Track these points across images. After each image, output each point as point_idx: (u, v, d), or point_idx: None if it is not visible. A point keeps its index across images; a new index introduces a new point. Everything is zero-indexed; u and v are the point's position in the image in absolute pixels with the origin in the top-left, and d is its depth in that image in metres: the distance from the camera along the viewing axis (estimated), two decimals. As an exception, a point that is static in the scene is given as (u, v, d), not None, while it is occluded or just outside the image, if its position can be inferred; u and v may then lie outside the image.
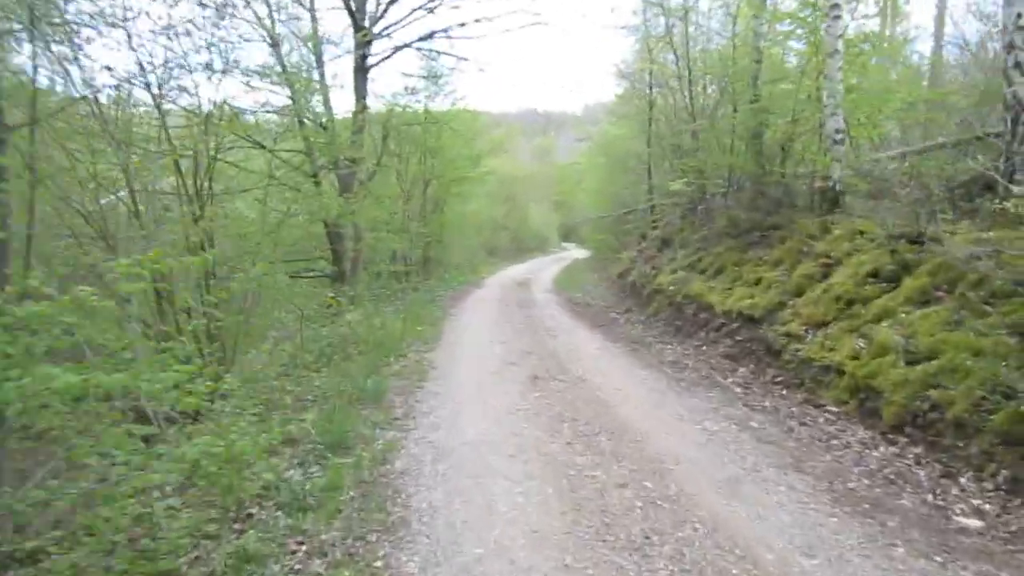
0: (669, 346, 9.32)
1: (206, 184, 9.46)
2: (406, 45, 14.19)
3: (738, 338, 8.34)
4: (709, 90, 13.22)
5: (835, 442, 5.01)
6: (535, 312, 12.54)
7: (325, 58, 13.97)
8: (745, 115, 11.08)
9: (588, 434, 4.82)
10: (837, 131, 9.28)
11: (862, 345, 5.96)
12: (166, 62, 8.41)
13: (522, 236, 40.31)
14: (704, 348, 8.78)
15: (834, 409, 5.74)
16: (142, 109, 9.34)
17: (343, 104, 14.26)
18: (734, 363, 7.85)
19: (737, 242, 10.69)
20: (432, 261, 19.45)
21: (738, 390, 6.79)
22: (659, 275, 12.65)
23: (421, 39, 14.21)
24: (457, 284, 17.81)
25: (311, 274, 15.06)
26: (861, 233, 8.08)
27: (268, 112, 12.04)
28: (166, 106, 9.08)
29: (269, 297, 8.84)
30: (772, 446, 4.77)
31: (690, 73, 12.30)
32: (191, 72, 8.76)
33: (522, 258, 35.53)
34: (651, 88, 15.80)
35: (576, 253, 44.14)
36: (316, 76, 13.57)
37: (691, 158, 12.33)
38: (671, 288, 11.46)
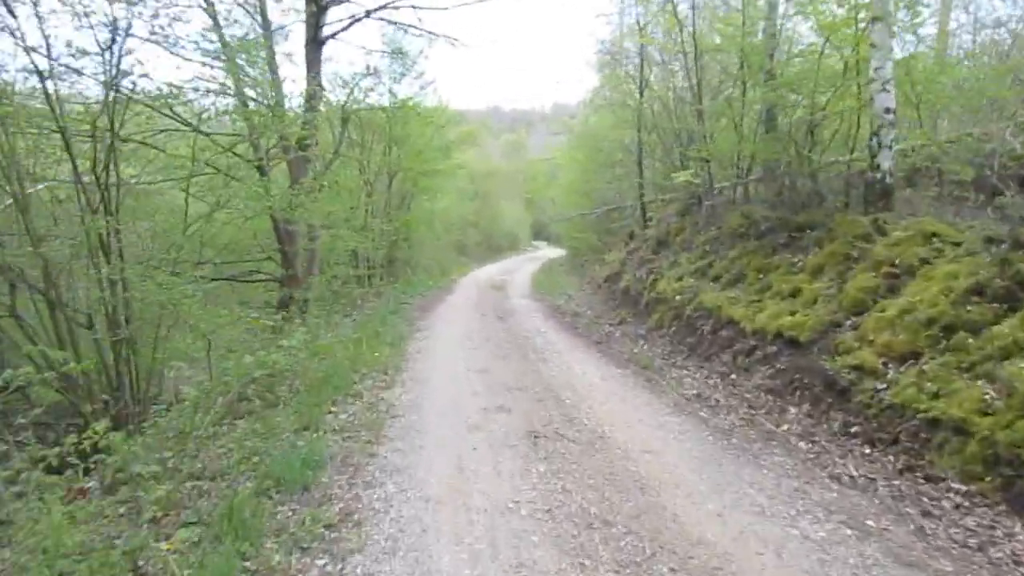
0: (686, 372, 7.61)
1: (110, 170, 7.47)
2: (367, 14, 12.22)
3: (779, 366, 6.64)
4: (716, 68, 11.55)
5: (996, 552, 3.31)
6: (517, 324, 10.74)
7: (273, 28, 11.96)
8: (764, 93, 9.42)
9: (638, 561, 3.01)
10: (887, 110, 7.67)
11: (992, 394, 4.29)
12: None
13: (493, 235, 38.49)
14: (733, 377, 7.08)
15: (962, 488, 4.05)
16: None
17: (298, 87, 12.42)
18: (780, 401, 6.15)
19: (758, 244, 9.04)
20: (398, 262, 17.50)
21: (802, 444, 5.09)
22: (660, 281, 10.95)
23: (383, 7, 12.27)
24: (426, 288, 15.90)
25: (254, 278, 13.05)
26: (934, 236, 6.47)
27: (204, 90, 9.98)
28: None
29: (188, 315, 6.86)
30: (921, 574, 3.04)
31: (696, 48, 10.61)
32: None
33: (494, 258, 33.71)
34: (642, 70, 14.10)
35: (549, 252, 42.57)
36: (263, 53, 11.55)
37: (701, 145, 10.64)
38: (677, 298, 9.76)
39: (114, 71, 6.91)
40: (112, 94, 7.07)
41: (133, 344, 6.15)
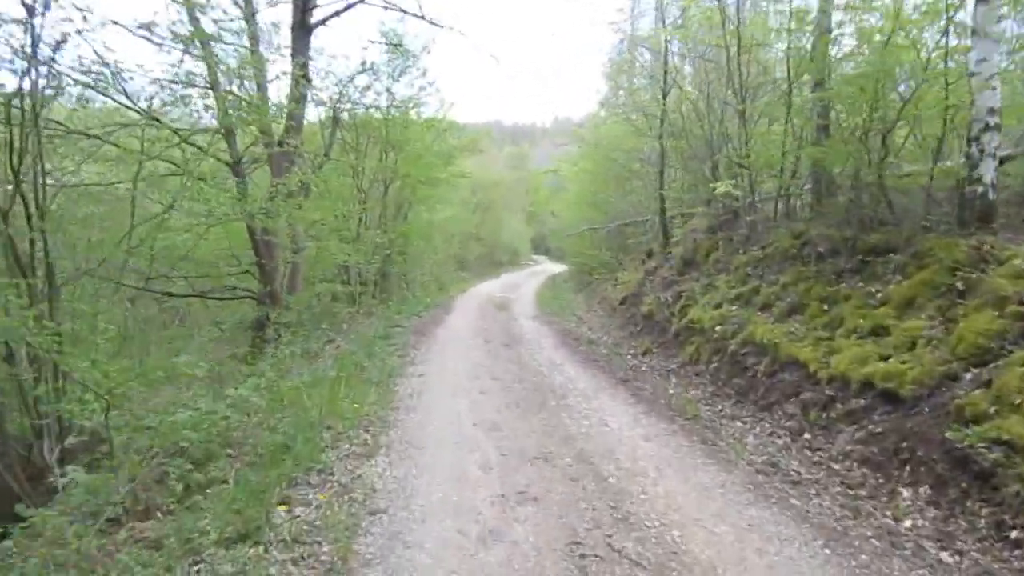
0: (742, 424, 6.17)
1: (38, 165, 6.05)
2: (361, -1, 10.87)
3: (872, 428, 5.19)
4: (756, 67, 10.19)
5: None
6: (528, 354, 9.27)
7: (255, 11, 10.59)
8: (822, 92, 8.05)
9: None
10: (991, 111, 6.29)
11: None
12: None
13: (494, 248, 37.10)
14: (807, 437, 5.62)
15: None
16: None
17: (285, 85, 11.09)
18: (883, 478, 4.69)
19: (817, 269, 7.62)
20: (392, 277, 16.03)
21: (946, 557, 3.63)
22: (692, 308, 9.51)
23: (382, -10, 10.93)
24: (423, 307, 14.42)
25: (228, 295, 11.60)
26: (1078, 265, 5.07)
27: (167, 80, 8.56)
28: None
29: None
30: None
31: (739, 42, 9.24)
32: None
33: (495, 272, 32.30)
34: (666, 70, 12.74)
35: (550, 267, 41.18)
36: (245, 40, 10.20)
37: (741, 151, 9.24)
38: (718, 329, 8.32)
39: (32, 41, 5.48)
40: (33, 69, 5.66)
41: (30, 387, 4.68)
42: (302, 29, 10.62)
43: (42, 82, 5.79)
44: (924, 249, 6.46)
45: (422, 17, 11.66)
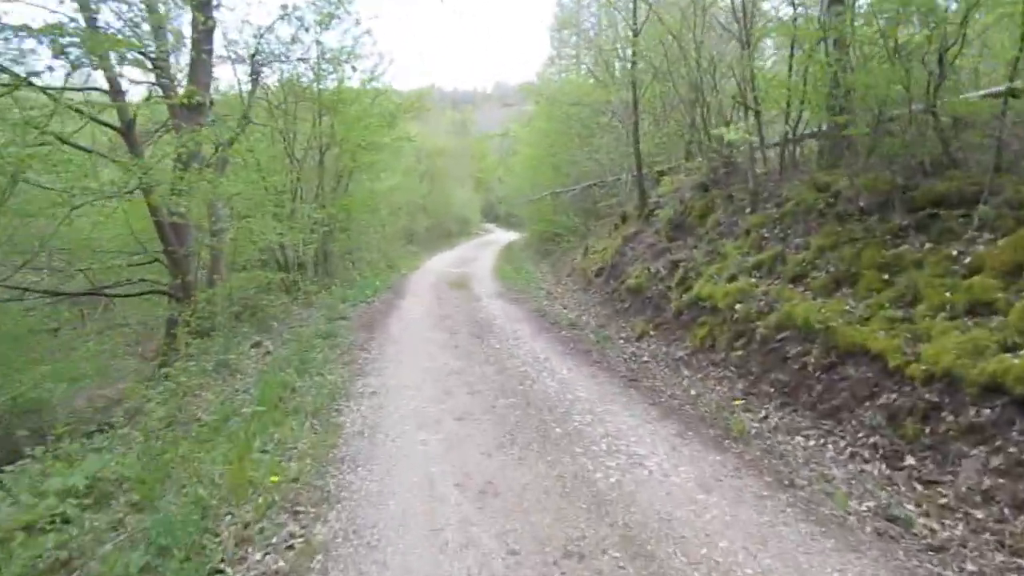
0: (809, 443, 4.67)
1: None
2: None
3: (1016, 453, 3.71)
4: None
5: None
6: (506, 351, 7.59)
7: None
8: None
9: None
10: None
11: None
12: None
13: (444, 219, 35.01)
14: (912, 465, 4.12)
15: None
16: None
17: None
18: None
19: (863, 227, 6.12)
20: (334, 257, 13.99)
21: None
22: (696, 281, 7.96)
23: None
24: (371, 290, 12.50)
25: (129, 291, 9.53)
26: None
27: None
28: None
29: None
30: None
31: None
32: None
33: (446, 244, 30.34)
34: (636, 7, 10.99)
35: (502, 235, 39.41)
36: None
37: (752, 84, 7.62)
38: (738, 307, 6.79)
39: None
40: None
41: None
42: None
43: None
44: (1020, 197, 5.02)
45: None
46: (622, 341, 8.34)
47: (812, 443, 4.66)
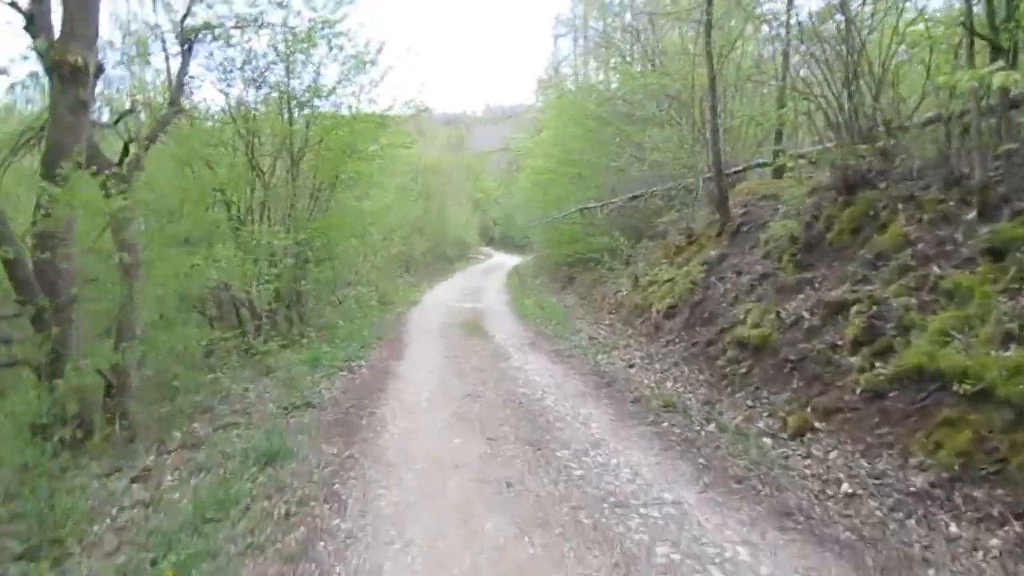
0: None
1: None
2: None
3: None
4: None
5: None
6: (587, 477, 4.28)
7: None
8: None
9: None
10: None
11: None
12: None
13: (442, 242, 31.75)
14: None
15: None
16: None
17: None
18: None
19: None
20: (306, 298, 10.59)
21: None
22: (904, 339, 4.68)
23: None
24: (356, 344, 9.10)
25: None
26: None
27: None
28: None
29: None
30: None
31: None
32: None
33: (446, 271, 27.10)
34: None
35: (504, 259, 36.29)
36: None
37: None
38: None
39: None
40: None
41: None
42: None
43: None
44: None
45: None
46: (768, 441, 5.03)
47: None
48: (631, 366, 7.94)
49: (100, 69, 5.95)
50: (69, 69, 5.44)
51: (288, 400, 6.01)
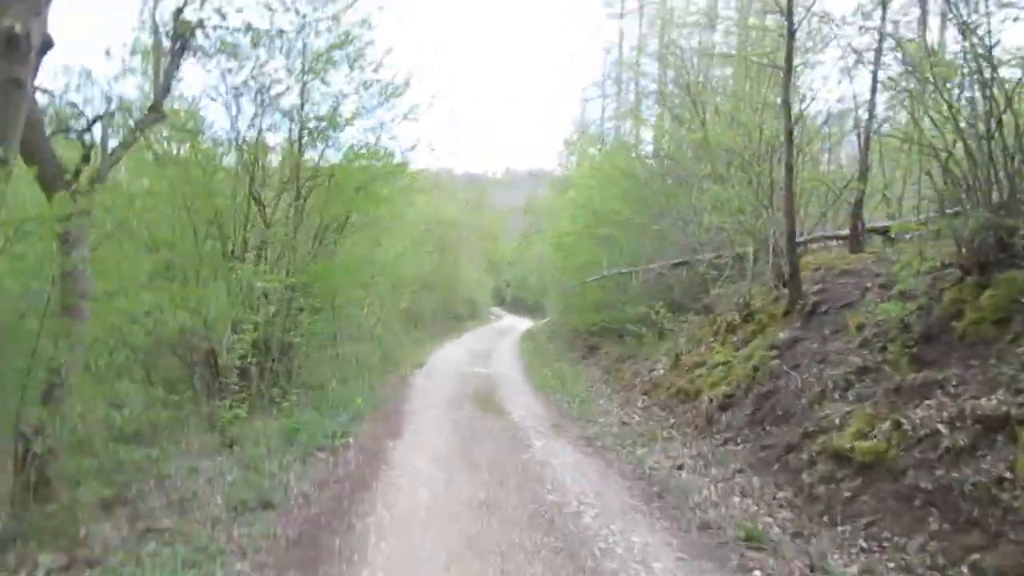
0: None
1: None
2: None
3: None
4: None
5: None
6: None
7: None
8: None
9: None
10: None
11: None
12: None
13: (452, 300, 30.39)
14: None
15: None
16: None
17: None
18: None
19: None
20: (296, 352, 9.13)
21: None
22: None
23: None
24: (347, 415, 7.54)
25: None
26: None
27: None
28: None
29: None
30: None
31: None
32: None
33: (455, 330, 25.64)
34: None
35: (515, 322, 34.99)
36: None
37: None
38: None
39: None
40: None
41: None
42: None
43: None
44: None
45: None
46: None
47: None
48: (679, 467, 6.40)
49: (48, 44, 4.73)
50: (3, 37, 4.19)
51: (243, 493, 4.49)
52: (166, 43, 6.37)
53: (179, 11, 6.19)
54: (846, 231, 8.84)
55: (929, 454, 4.36)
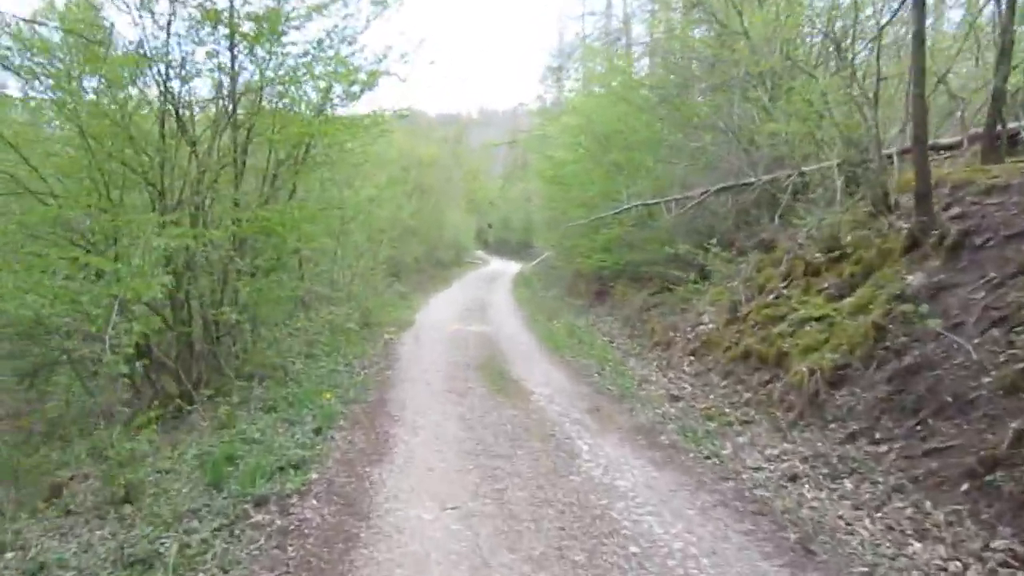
0: None
1: None
2: None
3: None
4: None
5: None
6: None
7: None
8: None
9: None
10: None
11: None
12: None
13: (435, 246, 28.00)
14: None
15: None
16: None
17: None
18: None
19: None
20: (239, 333, 6.91)
21: None
22: None
23: None
24: (311, 420, 5.38)
25: None
26: None
27: None
28: None
29: None
30: None
31: None
32: None
33: (443, 280, 23.46)
34: None
35: (502, 266, 32.99)
36: None
37: None
38: None
39: None
40: None
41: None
42: None
43: None
44: None
45: None
46: None
47: None
48: (792, 478, 4.45)
49: None
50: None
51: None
52: None
53: None
54: (958, 138, 6.73)
55: None
